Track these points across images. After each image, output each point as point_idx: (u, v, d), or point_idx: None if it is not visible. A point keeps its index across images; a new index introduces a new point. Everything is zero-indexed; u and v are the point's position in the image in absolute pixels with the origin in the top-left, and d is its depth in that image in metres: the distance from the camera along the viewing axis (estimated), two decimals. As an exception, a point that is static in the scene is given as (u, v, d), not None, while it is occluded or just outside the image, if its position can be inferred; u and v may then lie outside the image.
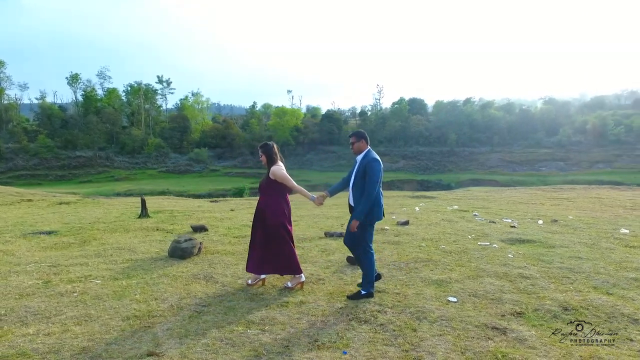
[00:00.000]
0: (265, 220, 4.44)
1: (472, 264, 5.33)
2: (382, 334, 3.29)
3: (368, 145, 4.24)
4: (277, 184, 4.49)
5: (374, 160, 4.07)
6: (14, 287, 4.45)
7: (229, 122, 72.16)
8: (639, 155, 64.26)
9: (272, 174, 4.48)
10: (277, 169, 4.51)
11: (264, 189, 4.55)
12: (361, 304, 3.93)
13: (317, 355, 2.93)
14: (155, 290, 4.33)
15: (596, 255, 5.72)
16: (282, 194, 4.55)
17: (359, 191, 4.10)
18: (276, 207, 4.47)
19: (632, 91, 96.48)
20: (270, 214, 4.44)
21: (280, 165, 4.57)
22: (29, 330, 3.34)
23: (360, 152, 4.21)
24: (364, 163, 4.09)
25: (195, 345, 3.09)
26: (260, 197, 4.64)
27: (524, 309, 3.81)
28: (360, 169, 4.11)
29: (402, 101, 75.64)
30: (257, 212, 4.58)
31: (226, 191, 47.65)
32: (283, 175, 4.50)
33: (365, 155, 4.15)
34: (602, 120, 69.83)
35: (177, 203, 13.30)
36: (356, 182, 4.14)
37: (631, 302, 3.97)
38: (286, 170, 4.56)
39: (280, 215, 4.49)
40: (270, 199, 4.49)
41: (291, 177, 4.60)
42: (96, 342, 3.13)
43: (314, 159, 68.03)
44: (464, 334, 3.28)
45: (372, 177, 4.01)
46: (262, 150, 4.61)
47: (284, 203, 4.56)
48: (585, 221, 8.51)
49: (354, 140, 4.25)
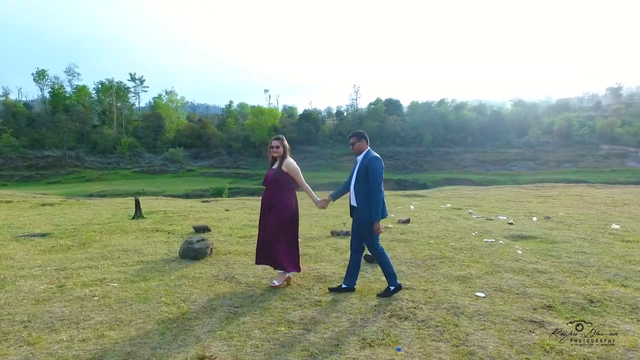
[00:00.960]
0: (272, 214, 4.36)
1: (486, 260, 5.45)
2: (427, 330, 3.32)
3: (368, 145, 4.23)
4: (287, 178, 4.42)
5: (375, 159, 4.07)
6: (26, 292, 4.21)
7: (204, 122, 70.91)
8: (601, 155, 67.57)
9: (285, 166, 4.42)
10: (292, 162, 4.48)
11: (273, 183, 4.43)
12: (394, 301, 3.95)
13: (372, 353, 2.93)
14: (180, 292, 4.21)
15: (598, 250, 5.98)
16: (291, 189, 4.52)
17: (361, 191, 4.10)
18: (286, 202, 4.43)
19: (593, 94, 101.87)
20: (280, 209, 4.37)
21: (293, 160, 4.54)
22: (61, 337, 3.18)
23: (360, 152, 4.20)
24: (365, 162, 4.08)
25: (244, 347, 3.02)
26: (267, 191, 4.51)
27: (551, 302, 3.93)
28: (361, 169, 4.10)
29: (379, 102, 76.58)
30: (264, 206, 4.49)
31: (204, 191, 46.87)
32: (297, 169, 4.48)
33: (366, 155, 4.14)
34: (567, 122, 72.98)
35: (169, 204, 12.96)
36: (358, 182, 4.12)
37: (647, 293, 4.17)
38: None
39: (290, 211, 4.47)
40: (280, 193, 4.41)
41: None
42: (139, 346, 3.01)
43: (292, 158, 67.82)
44: (505, 328, 3.35)
45: (375, 175, 4.01)
46: (280, 142, 4.51)
47: (294, 198, 4.53)
48: (576, 218, 8.87)
49: (355, 140, 4.23)
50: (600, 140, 71.34)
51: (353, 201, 4.21)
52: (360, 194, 4.10)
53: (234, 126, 71.79)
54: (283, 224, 4.43)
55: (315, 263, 5.44)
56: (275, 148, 4.51)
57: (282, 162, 4.49)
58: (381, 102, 76.59)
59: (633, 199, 12.13)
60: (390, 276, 4.16)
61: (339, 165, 65.09)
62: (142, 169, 60.21)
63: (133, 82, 72.67)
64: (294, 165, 4.50)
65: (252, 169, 63.03)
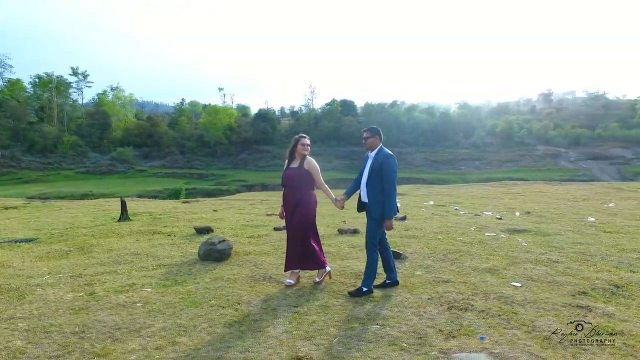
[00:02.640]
0: (298, 214, 4.34)
1: (501, 253, 5.76)
2: (493, 319, 3.47)
3: (381, 142, 4.21)
4: (308, 177, 4.39)
5: (390, 156, 4.07)
6: (54, 301, 3.86)
7: (155, 120, 67.79)
8: (538, 155, 73.15)
9: (307, 164, 4.40)
10: (313, 161, 4.48)
11: (294, 181, 4.37)
12: (445, 293, 4.07)
13: (461, 343, 3.02)
14: (227, 295, 4.06)
15: (591, 241, 6.52)
16: (313, 188, 4.49)
17: (373, 188, 4.08)
18: (311, 200, 4.43)
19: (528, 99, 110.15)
20: (306, 208, 4.37)
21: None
22: (132, 346, 2.96)
23: (373, 148, 4.18)
24: (380, 159, 4.07)
25: (332, 345, 3.00)
26: (288, 190, 4.45)
27: (582, 289, 4.25)
28: (375, 166, 4.08)
29: (335, 102, 77.37)
30: (287, 206, 4.42)
31: (158, 193, 44.75)
32: (318, 167, 4.48)
33: (380, 152, 4.13)
34: (508, 125, 78.23)
35: (148, 205, 12.30)
36: (371, 178, 4.10)
37: (657, 277, 4.64)
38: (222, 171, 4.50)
39: (314, 209, 4.50)
40: (304, 192, 4.38)
41: (226, 176, 4.57)
42: (225, 351, 2.89)
43: (248, 158, 66.72)
44: (561, 313, 3.59)
45: (390, 173, 4.02)
46: (309, 140, 4.52)
47: (315, 198, 4.53)
48: (553, 212, 9.59)
49: (368, 135, 4.20)
50: (537, 142, 77.17)
51: (364, 197, 4.18)
52: (372, 190, 4.09)
53: (187, 125, 69.31)
54: (311, 222, 4.45)
55: (343, 260, 5.46)
56: (307, 146, 4.48)
57: (304, 161, 4.46)
58: (337, 103, 77.45)
59: (589, 195, 13.32)
60: (371, 278, 4.11)
61: (297, 165, 65.03)
62: (87, 169, 56.35)
63: (75, 76, 67.87)
64: (315, 163, 4.51)
65: (206, 169, 61.22)
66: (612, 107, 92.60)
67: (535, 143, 77.30)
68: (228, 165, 64.51)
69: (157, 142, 64.85)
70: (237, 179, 55.58)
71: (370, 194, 4.11)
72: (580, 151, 72.44)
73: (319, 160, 4.72)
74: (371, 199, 4.10)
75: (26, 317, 3.48)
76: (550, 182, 18.63)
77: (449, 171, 64.97)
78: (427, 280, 4.55)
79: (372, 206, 4.10)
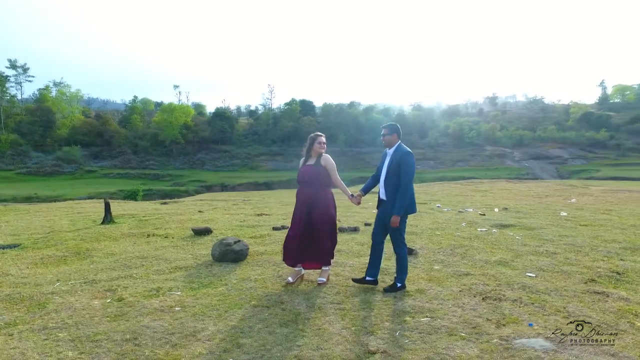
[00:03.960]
0: (318, 212, 4.32)
1: (501, 246, 6.12)
2: (528, 307, 3.70)
3: (399, 139, 4.23)
4: (325, 174, 4.39)
5: (408, 154, 4.10)
6: (84, 309, 3.63)
7: (105, 118, 64.20)
8: (486, 155, 77.45)
9: (324, 160, 4.41)
10: (330, 158, 4.48)
11: (310, 178, 4.37)
12: (473, 285, 4.27)
13: (514, 330, 3.20)
14: (264, 295, 4.01)
15: (573, 233, 7.08)
16: (330, 185, 4.50)
17: (391, 185, 4.12)
18: (330, 197, 4.45)
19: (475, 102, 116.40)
20: (326, 205, 4.37)
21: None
22: (197, 350, 2.87)
23: (391, 146, 4.21)
24: (397, 157, 4.10)
25: (396, 338, 3.07)
26: (304, 188, 4.43)
27: (590, 277, 4.62)
28: (393, 163, 4.12)
29: (294, 102, 77.35)
30: (302, 204, 4.40)
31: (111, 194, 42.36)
32: (334, 164, 4.50)
33: (398, 149, 4.16)
34: (459, 126, 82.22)
35: (125, 207, 11.64)
36: (389, 175, 4.14)
37: (645, 264, 5.15)
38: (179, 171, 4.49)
39: (332, 208, 4.50)
40: (321, 190, 4.39)
41: (183, 177, 4.60)
42: (298, 349, 2.88)
43: (205, 158, 65.01)
44: (584, 299, 3.90)
45: (408, 170, 4.05)
46: (325, 138, 4.57)
47: (332, 194, 4.55)
48: (527, 208, 10.26)
49: (386, 132, 4.23)
50: (485, 142, 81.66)
51: (383, 194, 4.22)
52: (390, 187, 4.13)
53: (140, 123, 66.25)
54: (332, 219, 4.45)
55: (359, 257, 5.53)
56: (323, 144, 4.52)
57: (320, 158, 4.49)
58: (296, 103, 77.50)
59: (549, 192, 14.37)
60: (404, 272, 4.16)
61: (257, 165, 64.22)
62: (29, 170, 52.23)
63: (14, 69, 62.58)
64: (332, 161, 4.52)
65: (162, 170, 58.89)
66: (549, 110, 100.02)
67: (483, 143, 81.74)
68: (185, 165, 62.48)
69: (108, 141, 61.44)
70: (195, 180, 53.99)
71: (388, 192, 4.15)
72: (523, 151, 77.56)
73: (279, 161, 4.72)
74: (389, 196, 4.15)
75: (62, 327, 3.25)
76: (512, 181, 19.88)
77: (406, 170, 67.07)
78: (448, 273, 4.75)
79: (389, 203, 4.15)
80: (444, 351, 2.85)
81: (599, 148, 74.13)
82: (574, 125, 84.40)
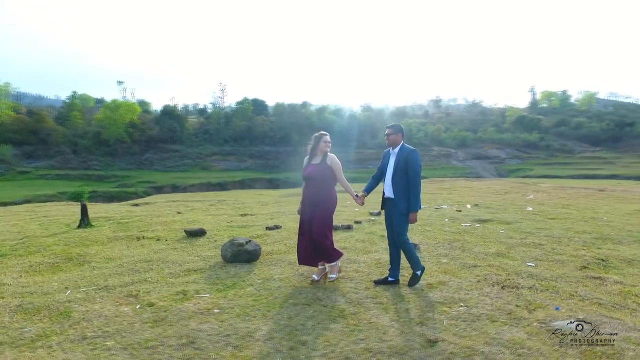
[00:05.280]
0: (319, 210, 4.37)
1: (491, 239, 6.54)
2: (544, 294, 4.04)
3: (403, 139, 4.39)
4: (330, 173, 4.45)
5: (414, 152, 4.27)
6: (117, 316, 3.43)
7: (40, 114, 59.02)
8: (434, 155, 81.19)
9: (329, 160, 4.46)
10: (335, 157, 4.54)
11: (317, 177, 4.41)
12: (487, 275, 4.56)
13: (546, 314, 3.48)
14: (298, 293, 4.02)
15: (547, 226, 7.73)
16: (334, 184, 4.56)
17: (399, 183, 4.22)
18: (333, 196, 4.49)
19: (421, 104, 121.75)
20: (329, 204, 4.42)
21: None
22: (265, 349, 2.85)
23: (395, 145, 4.36)
24: (404, 156, 4.24)
25: (447, 327, 3.23)
26: (311, 186, 4.46)
27: (581, 264, 5.12)
28: (400, 162, 4.24)
29: (246, 101, 76.10)
30: (307, 202, 4.44)
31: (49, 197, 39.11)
32: (339, 163, 4.56)
33: (403, 148, 4.31)
34: (408, 127, 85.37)
35: (97, 209, 10.83)
36: (396, 174, 4.24)
37: (620, 251, 5.77)
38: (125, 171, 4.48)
39: (335, 205, 4.56)
40: (326, 188, 4.43)
41: (130, 178, 4.65)
42: (364, 343, 2.94)
43: (154, 158, 62.04)
44: (587, 284, 4.32)
45: (416, 168, 4.20)
46: (329, 137, 4.63)
47: (335, 194, 4.58)
48: (495, 204, 10.98)
49: (391, 132, 4.38)
50: (432, 143, 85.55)
51: (389, 193, 4.30)
52: (398, 185, 4.23)
53: (80, 121, 61.75)
54: (329, 218, 4.49)
55: (365, 255, 5.66)
56: (328, 143, 4.59)
57: (326, 157, 4.55)
58: (248, 102, 76.25)
59: (506, 189, 15.45)
60: (416, 262, 4.28)
61: (209, 165, 62.34)
62: (-51, 171, 46.87)
63: None
64: (337, 160, 4.58)
65: (106, 170, 55.38)
66: (488, 113, 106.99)
67: (430, 144, 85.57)
68: (131, 165, 59.21)
69: (44, 140, 56.61)
70: (143, 181, 51.33)
71: (396, 190, 4.24)
72: (466, 151, 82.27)
73: (232, 160, 4.75)
74: (397, 194, 4.24)
75: (103, 336, 3.07)
76: (469, 179, 21.08)
77: (359, 170, 68.49)
78: (458, 266, 5.02)
79: (398, 201, 4.23)
80: (497, 336, 3.05)
81: (532, 149, 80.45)
82: (509, 127, 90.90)
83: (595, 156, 73.59)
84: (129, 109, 61.34)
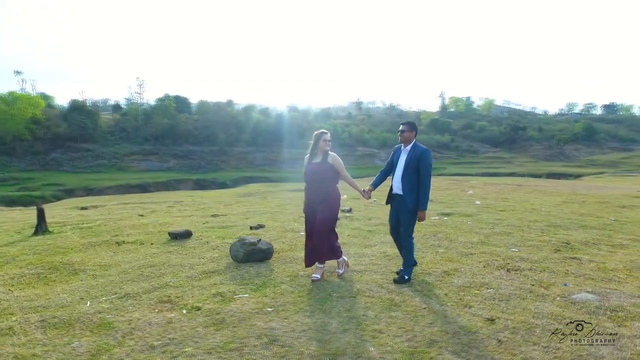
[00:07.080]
0: (323, 209, 4.43)
1: (466, 229, 7.17)
2: (545, 273, 4.61)
3: (415, 138, 4.46)
4: (332, 172, 4.52)
5: (427, 151, 4.36)
6: (169, 322, 3.23)
7: None
8: (358, 155, 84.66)
9: (331, 158, 4.53)
10: (336, 155, 4.63)
11: (319, 176, 4.48)
12: (488, 261, 5.06)
13: (561, 289, 4.02)
14: (336, 287, 4.11)
15: (503, 217, 8.66)
16: (337, 182, 4.65)
17: (410, 181, 4.32)
18: (336, 195, 4.60)
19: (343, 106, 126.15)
20: (332, 202, 4.50)
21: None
22: (348, 339, 2.92)
23: (408, 142, 4.40)
24: (417, 154, 4.31)
25: (489, 306, 3.58)
26: (314, 185, 4.52)
27: (554, 247, 5.88)
28: (412, 160, 4.31)
29: (168, 98, 72.01)
30: (310, 202, 4.52)
31: None
32: (341, 162, 4.65)
33: (416, 146, 4.38)
34: (334, 127, 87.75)
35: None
36: (407, 171, 4.33)
37: (573, 236, 6.73)
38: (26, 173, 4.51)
39: (339, 204, 4.71)
40: (329, 187, 4.51)
41: (33, 180, 4.74)
42: (433, 326, 3.16)
43: (62, 158, 55.90)
44: (572, 264, 5.01)
45: (428, 167, 4.30)
46: (329, 136, 4.72)
47: (339, 191, 4.68)
48: (447, 199, 11.92)
49: (406, 129, 4.42)
50: (357, 143, 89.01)
51: (398, 189, 4.41)
52: (408, 183, 4.31)
53: (-33, 115, 53.26)
54: (334, 217, 4.57)
55: (367, 248, 5.88)
56: (328, 142, 4.64)
57: (327, 156, 4.61)
58: (170, 99, 72.23)
59: (444, 186, 16.81)
60: (410, 262, 4.39)
61: (126, 166, 57.83)
62: None
63: None
64: (339, 158, 4.67)
65: (3, 171, 48.63)
66: (405, 116, 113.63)
67: (355, 144, 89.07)
68: (34, 166, 52.71)
69: None
70: (50, 183, 46.01)
71: (405, 187, 4.34)
72: (388, 152, 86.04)
73: (153, 160, 4.82)
74: (406, 191, 4.34)
75: (173, 344, 2.88)
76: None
77: (288, 169, 68.71)
78: (456, 254, 5.47)
79: (407, 198, 4.34)
80: (537, 310, 3.48)
81: (444, 149, 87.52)
82: (424, 129, 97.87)
83: (496, 156, 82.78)
84: (30, 102, 54.42)
